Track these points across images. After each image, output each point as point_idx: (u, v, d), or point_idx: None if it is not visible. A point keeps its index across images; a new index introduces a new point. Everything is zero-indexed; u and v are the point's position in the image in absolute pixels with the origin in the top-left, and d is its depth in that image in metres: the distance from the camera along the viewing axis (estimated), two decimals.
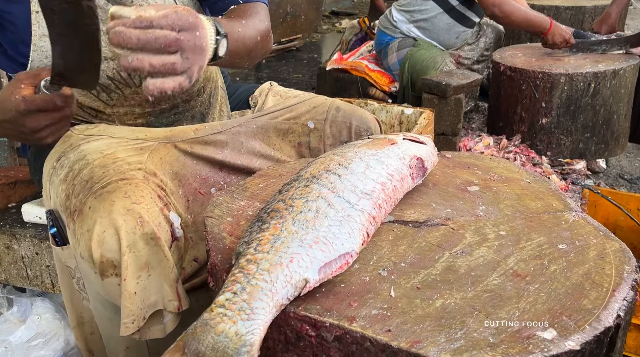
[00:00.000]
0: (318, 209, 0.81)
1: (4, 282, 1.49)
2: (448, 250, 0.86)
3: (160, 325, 1.02)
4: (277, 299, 0.70)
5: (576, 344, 0.66)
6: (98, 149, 1.09)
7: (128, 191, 0.99)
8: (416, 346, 0.67)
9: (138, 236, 0.96)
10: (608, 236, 0.89)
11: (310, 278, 0.73)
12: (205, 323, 0.67)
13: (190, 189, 1.19)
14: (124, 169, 1.05)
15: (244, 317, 0.67)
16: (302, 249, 0.75)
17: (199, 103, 1.32)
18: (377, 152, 0.97)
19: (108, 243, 0.94)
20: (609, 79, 2.36)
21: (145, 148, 1.15)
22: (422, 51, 2.63)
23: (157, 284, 0.99)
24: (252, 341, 0.66)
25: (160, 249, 0.98)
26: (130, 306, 0.96)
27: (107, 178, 1.02)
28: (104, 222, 0.95)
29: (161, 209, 1.03)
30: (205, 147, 1.24)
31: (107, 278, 0.97)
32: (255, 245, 0.77)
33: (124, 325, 0.97)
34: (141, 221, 0.96)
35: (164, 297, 1.00)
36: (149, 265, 0.97)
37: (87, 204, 0.98)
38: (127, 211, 0.96)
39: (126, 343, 1.14)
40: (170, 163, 1.17)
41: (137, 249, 0.96)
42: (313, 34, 5.66)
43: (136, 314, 0.97)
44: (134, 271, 0.96)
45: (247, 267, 0.73)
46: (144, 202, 0.99)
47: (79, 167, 1.05)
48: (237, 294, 0.70)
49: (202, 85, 1.32)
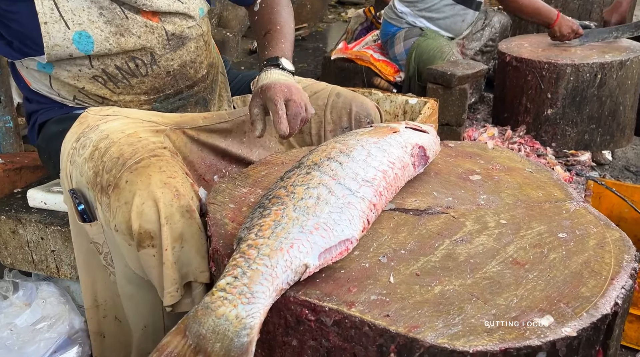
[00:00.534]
0: (319, 196, 0.82)
1: (9, 267, 1.50)
2: (448, 238, 0.87)
3: (189, 298, 1.05)
4: (277, 284, 0.71)
5: (573, 330, 0.67)
6: (119, 128, 1.11)
7: (162, 166, 1.02)
8: (414, 330, 0.68)
9: (175, 208, 0.99)
10: (608, 225, 0.89)
11: (310, 263, 0.74)
12: (207, 306, 0.69)
13: (196, 175, 1.21)
14: (151, 146, 1.08)
15: (244, 300, 0.68)
16: (303, 234, 0.76)
17: (202, 88, 1.34)
18: (379, 140, 0.97)
19: (147, 214, 0.97)
20: (615, 69, 2.34)
21: (160, 131, 1.17)
22: (429, 41, 2.61)
23: (189, 256, 1.01)
24: (252, 324, 0.67)
25: (195, 222, 1.01)
26: (173, 274, 0.99)
27: (139, 154, 1.04)
28: (143, 194, 0.98)
29: (192, 184, 1.06)
30: (210, 135, 1.25)
31: (143, 249, 1.00)
32: (257, 230, 0.78)
33: (168, 294, 1.00)
34: (177, 194, 0.99)
35: (196, 269, 1.02)
36: (182, 237, 1.00)
37: (122, 178, 1.00)
38: (164, 184, 0.99)
39: (144, 322, 1.16)
40: (179, 148, 1.19)
41: (173, 220, 0.98)
42: (318, 24, 5.63)
43: (179, 282, 1.00)
44: (171, 242, 0.98)
45: (248, 252, 0.74)
46: (178, 176, 1.03)
47: (105, 145, 1.07)
48: (238, 278, 0.71)
49: (205, 72, 1.34)
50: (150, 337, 1.18)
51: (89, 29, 1.12)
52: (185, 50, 1.25)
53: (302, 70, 4.08)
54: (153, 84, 1.23)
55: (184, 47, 1.24)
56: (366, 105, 1.38)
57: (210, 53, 1.36)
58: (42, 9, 1.08)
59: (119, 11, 1.13)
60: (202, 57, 1.30)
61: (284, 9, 1.32)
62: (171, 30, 1.20)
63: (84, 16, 1.11)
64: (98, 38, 1.12)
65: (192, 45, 1.26)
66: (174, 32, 1.21)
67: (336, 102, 1.37)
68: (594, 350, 0.72)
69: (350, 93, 1.40)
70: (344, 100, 1.37)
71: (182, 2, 1.21)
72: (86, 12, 1.11)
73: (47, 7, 1.09)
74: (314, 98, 1.37)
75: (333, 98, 1.37)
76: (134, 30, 1.15)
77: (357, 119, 1.36)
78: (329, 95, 1.38)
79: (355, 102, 1.37)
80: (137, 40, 1.16)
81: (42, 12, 1.08)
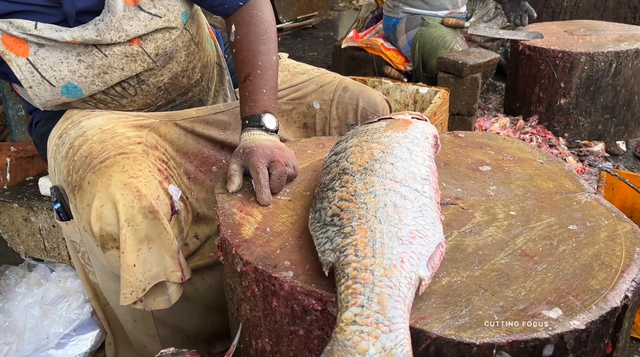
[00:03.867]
0: (395, 203, 0.76)
1: (23, 253, 1.53)
2: (457, 229, 0.86)
3: (164, 296, 1.05)
4: (407, 303, 0.65)
5: (581, 323, 0.66)
6: (97, 124, 1.10)
7: (126, 165, 1.00)
8: (421, 322, 0.67)
9: (136, 209, 0.97)
10: (620, 217, 0.88)
11: (424, 275, 0.69)
12: (343, 345, 0.61)
13: (191, 167, 1.19)
14: (122, 143, 1.06)
15: (384, 329, 0.61)
16: (405, 246, 0.70)
17: (197, 92, 1.29)
18: (406, 134, 0.94)
19: (107, 217, 0.96)
20: (631, 58, 2.30)
21: (145, 125, 1.15)
22: (431, 30, 2.58)
23: (158, 256, 1.01)
24: (405, 353, 0.60)
25: (159, 222, 0.99)
26: (128, 277, 0.98)
27: (105, 153, 1.02)
28: (102, 197, 0.96)
29: (160, 182, 1.04)
30: (207, 126, 1.23)
31: (108, 251, 0.99)
32: (353, 251, 0.70)
33: (122, 295, 0.99)
34: (139, 194, 0.97)
35: (166, 269, 1.02)
36: (148, 238, 0.99)
37: (86, 179, 1.00)
38: (124, 185, 0.97)
39: (133, 315, 1.17)
40: (170, 141, 1.17)
41: (135, 222, 0.97)
42: (329, 12, 5.59)
43: (135, 285, 0.99)
44: (132, 244, 0.97)
45: (361, 276, 0.67)
46: (141, 175, 1.00)
47: (79, 143, 1.06)
48: (365, 306, 0.63)
49: (199, 76, 1.27)
50: (142, 330, 1.18)
51: (73, 80, 1.07)
52: (174, 62, 1.18)
53: (312, 59, 4.05)
54: (145, 101, 1.19)
55: (173, 61, 1.17)
56: (374, 101, 1.32)
57: (204, 52, 1.28)
58: (22, 75, 1.04)
59: (96, 52, 1.06)
60: (194, 62, 1.24)
61: (263, 44, 1.13)
62: (154, 52, 1.12)
63: (64, 69, 1.06)
64: (84, 85, 1.09)
65: (182, 54, 1.19)
66: (157, 52, 1.13)
67: (342, 97, 1.31)
68: (603, 343, 0.71)
69: (358, 87, 1.34)
70: (350, 95, 1.32)
71: (159, 16, 1.10)
72: (65, 64, 1.05)
73: (26, 72, 1.04)
74: (319, 92, 1.33)
75: (340, 92, 1.32)
76: (115, 64, 1.09)
77: (364, 115, 1.31)
78: (336, 89, 1.32)
79: (362, 97, 1.31)
80: (121, 73, 1.11)
81: (23, 78, 1.04)
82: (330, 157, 0.95)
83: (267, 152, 0.99)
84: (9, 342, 1.31)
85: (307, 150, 1.16)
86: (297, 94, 1.33)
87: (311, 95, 1.33)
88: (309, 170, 1.07)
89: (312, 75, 1.37)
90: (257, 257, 0.80)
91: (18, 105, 1.81)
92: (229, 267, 0.87)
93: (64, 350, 1.32)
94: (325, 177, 0.90)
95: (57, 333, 1.32)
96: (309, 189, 0.99)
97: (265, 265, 0.78)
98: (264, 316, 0.81)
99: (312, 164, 1.09)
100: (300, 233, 0.86)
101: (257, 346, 0.86)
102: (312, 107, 1.32)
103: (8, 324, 1.34)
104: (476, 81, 2.24)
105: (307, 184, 1.02)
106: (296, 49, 4.45)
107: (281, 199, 0.97)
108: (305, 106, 1.33)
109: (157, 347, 1.17)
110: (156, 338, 1.19)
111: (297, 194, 0.98)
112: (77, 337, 1.33)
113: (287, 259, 0.80)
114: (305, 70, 1.39)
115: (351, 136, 0.98)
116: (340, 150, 0.94)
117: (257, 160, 0.97)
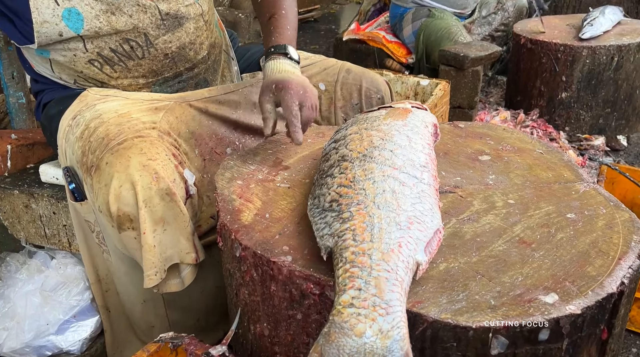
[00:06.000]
0: (393, 189, 0.77)
1: (24, 240, 1.53)
2: (455, 216, 0.87)
3: (177, 279, 1.06)
4: (404, 287, 0.66)
5: (577, 308, 0.67)
6: (113, 108, 1.10)
7: (144, 148, 1.01)
8: (418, 305, 0.68)
9: (154, 191, 0.98)
10: (618, 206, 0.88)
11: (421, 260, 0.69)
12: (340, 327, 0.61)
13: (207, 148, 1.20)
14: (139, 127, 1.07)
15: (381, 312, 0.62)
16: (403, 231, 0.71)
17: (203, 70, 1.31)
18: (406, 122, 0.94)
19: (125, 197, 0.97)
20: (633, 52, 2.29)
21: (160, 107, 1.16)
22: (437, 21, 2.57)
23: (173, 238, 1.02)
24: (402, 335, 0.60)
25: (176, 205, 1.01)
26: (152, 258, 0.99)
27: (122, 135, 1.03)
28: (121, 177, 0.98)
29: (176, 166, 1.05)
30: (219, 106, 1.24)
31: (124, 231, 1.00)
32: (351, 235, 0.71)
33: (147, 277, 1.00)
34: (157, 176, 0.99)
35: (181, 250, 1.03)
36: (164, 220, 1.00)
37: (104, 159, 1.00)
38: (143, 166, 0.98)
39: (143, 297, 1.17)
40: (186, 122, 1.18)
41: (152, 204, 0.98)
42: (331, 5, 5.57)
43: (158, 266, 1.00)
44: (150, 225, 0.98)
45: (358, 260, 0.67)
46: (159, 158, 1.02)
47: (95, 125, 1.07)
48: (362, 289, 0.64)
49: (206, 53, 1.31)
50: (151, 311, 1.19)
51: (79, 6, 1.08)
52: (183, 31, 1.22)
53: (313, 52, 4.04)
54: (150, 67, 1.21)
55: (182, 28, 1.21)
56: (376, 81, 1.37)
57: (212, 32, 1.32)
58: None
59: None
60: (202, 38, 1.27)
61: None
62: (165, 10, 1.16)
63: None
64: (88, 15, 1.09)
65: (191, 26, 1.23)
66: (168, 12, 1.17)
67: (346, 79, 1.36)
68: (599, 329, 0.72)
69: (360, 69, 1.39)
70: (354, 76, 1.36)
71: None
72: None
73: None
74: (323, 74, 1.36)
75: (343, 74, 1.37)
76: (125, 9, 1.11)
77: (368, 95, 1.35)
78: (339, 71, 1.37)
79: (365, 78, 1.36)
80: (128, 20, 1.12)
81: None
82: (330, 144, 0.95)
83: (300, 92, 1.04)
84: (8, 328, 1.32)
85: (307, 139, 1.16)
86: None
87: (316, 76, 1.36)
88: (308, 158, 1.07)
89: (314, 60, 1.41)
90: (256, 242, 0.81)
91: (19, 93, 1.81)
92: (228, 252, 0.88)
93: (64, 336, 1.33)
94: (324, 164, 0.90)
95: (57, 319, 1.32)
96: (309, 177, 1.00)
97: (264, 250, 0.79)
98: (262, 300, 0.82)
99: (312, 152, 1.10)
100: (299, 219, 0.86)
101: (255, 330, 0.86)
102: (317, 88, 1.35)
103: (7, 310, 1.35)
104: (477, 74, 2.23)
105: (306, 172, 1.02)
106: (298, 42, 4.43)
107: (280, 186, 0.97)
108: None
109: (165, 329, 1.18)
110: (165, 319, 1.20)
111: (296, 182, 0.98)
112: (77, 324, 1.34)
113: (286, 244, 0.80)
114: (308, 56, 1.43)
115: (351, 124, 0.98)
116: (339, 138, 0.94)
117: (290, 100, 1.02)
